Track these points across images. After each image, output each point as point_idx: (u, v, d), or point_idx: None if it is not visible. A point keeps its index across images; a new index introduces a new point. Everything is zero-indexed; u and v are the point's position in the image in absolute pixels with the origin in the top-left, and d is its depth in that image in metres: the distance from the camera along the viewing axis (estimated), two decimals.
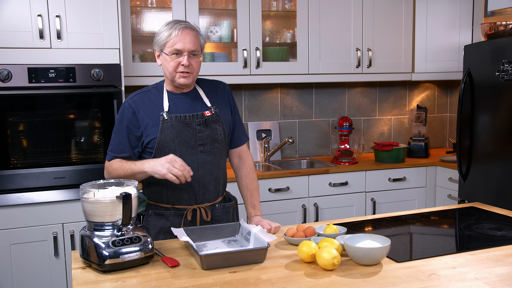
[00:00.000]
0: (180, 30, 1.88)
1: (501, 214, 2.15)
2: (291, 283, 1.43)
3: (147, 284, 1.45)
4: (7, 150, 2.75)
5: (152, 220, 1.99)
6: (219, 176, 2.03)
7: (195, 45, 1.90)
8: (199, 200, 1.98)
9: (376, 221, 2.08)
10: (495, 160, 2.98)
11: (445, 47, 3.80)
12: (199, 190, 1.97)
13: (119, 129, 1.96)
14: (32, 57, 2.74)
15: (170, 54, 1.89)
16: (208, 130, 1.97)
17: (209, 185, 1.99)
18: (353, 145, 3.76)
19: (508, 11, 3.31)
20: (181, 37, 1.87)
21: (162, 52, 1.92)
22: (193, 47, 1.89)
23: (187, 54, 1.89)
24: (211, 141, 1.98)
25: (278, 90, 3.89)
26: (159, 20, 3.34)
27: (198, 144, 1.95)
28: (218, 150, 2.01)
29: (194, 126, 1.94)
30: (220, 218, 2.04)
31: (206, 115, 1.97)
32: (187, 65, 1.89)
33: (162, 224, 1.97)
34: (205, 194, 1.99)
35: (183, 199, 1.97)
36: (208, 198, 2.00)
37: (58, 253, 2.82)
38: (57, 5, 2.76)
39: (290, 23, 3.70)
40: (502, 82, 2.90)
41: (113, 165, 1.95)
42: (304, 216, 3.35)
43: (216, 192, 2.03)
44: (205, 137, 1.96)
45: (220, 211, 2.04)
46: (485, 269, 1.53)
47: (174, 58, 1.89)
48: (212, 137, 1.98)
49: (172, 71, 1.91)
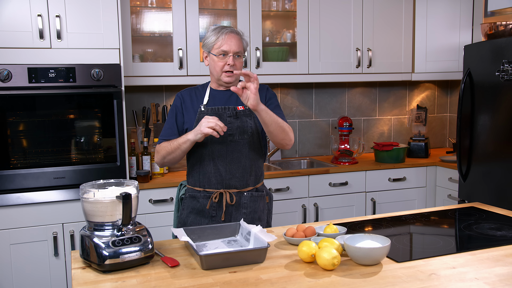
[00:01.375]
0: (227, 34, 2.12)
1: (501, 214, 2.15)
2: (291, 283, 1.43)
3: (147, 284, 1.45)
4: (7, 150, 2.75)
5: (187, 201, 2.23)
6: (248, 166, 2.18)
7: (239, 47, 2.13)
8: (226, 185, 2.16)
9: (376, 221, 2.08)
10: (495, 160, 2.98)
11: (445, 47, 3.80)
12: (226, 176, 2.15)
13: (170, 116, 2.23)
14: (32, 57, 2.74)
15: (217, 55, 2.11)
16: (238, 122, 2.15)
17: (236, 172, 2.16)
18: (353, 145, 3.76)
19: (508, 11, 3.31)
20: (227, 40, 2.11)
21: (210, 53, 2.15)
22: (238, 48, 2.12)
23: (232, 55, 2.11)
24: (240, 132, 2.15)
25: (278, 90, 3.89)
26: (159, 20, 3.34)
27: (228, 134, 2.12)
28: (248, 142, 2.17)
29: (225, 118, 2.14)
30: (247, 206, 2.19)
31: (238, 109, 2.17)
32: (233, 64, 2.11)
33: (194, 205, 2.20)
34: (231, 180, 2.16)
35: (212, 183, 2.16)
36: (235, 185, 2.17)
37: (58, 253, 2.82)
38: (57, 5, 2.76)
39: (290, 23, 3.70)
40: (502, 82, 2.90)
41: (162, 145, 2.17)
42: (304, 216, 3.35)
43: (244, 180, 2.18)
44: (234, 128, 2.14)
45: (248, 199, 2.19)
46: (485, 269, 1.53)
47: (221, 59, 2.12)
48: (242, 129, 2.15)
49: (219, 70, 2.14)
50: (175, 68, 3.25)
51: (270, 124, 2.03)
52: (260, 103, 1.97)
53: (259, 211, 2.23)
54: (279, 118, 2.07)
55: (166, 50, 3.39)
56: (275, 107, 2.20)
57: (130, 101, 3.45)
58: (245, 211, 2.18)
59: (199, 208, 2.18)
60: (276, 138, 2.11)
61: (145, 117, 3.41)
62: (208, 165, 2.15)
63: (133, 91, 3.46)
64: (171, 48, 3.30)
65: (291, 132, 2.15)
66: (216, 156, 2.14)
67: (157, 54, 3.40)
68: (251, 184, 2.21)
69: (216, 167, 2.15)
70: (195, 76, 3.29)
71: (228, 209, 2.16)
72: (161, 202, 3.03)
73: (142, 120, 3.45)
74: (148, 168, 3.19)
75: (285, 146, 2.16)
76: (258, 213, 2.22)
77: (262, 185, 2.29)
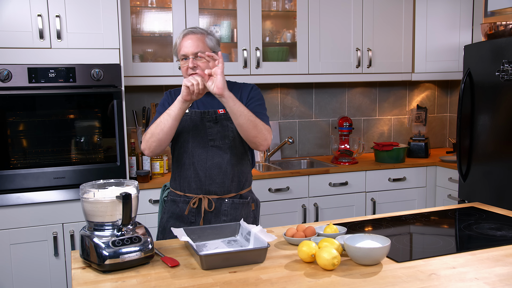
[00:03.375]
0: (184, 37, 2.06)
1: (501, 214, 2.15)
2: (291, 283, 1.43)
3: (147, 284, 1.45)
4: (7, 150, 2.75)
5: (168, 205, 2.18)
6: (229, 171, 2.10)
7: (198, 47, 2.03)
8: (205, 191, 2.09)
9: (376, 221, 2.08)
10: (495, 160, 2.98)
11: (445, 47, 3.80)
12: (206, 181, 2.09)
13: (158, 111, 2.12)
14: (32, 57, 2.74)
15: (180, 59, 2.07)
16: (218, 126, 2.08)
17: (216, 178, 2.09)
18: (353, 145, 3.76)
19: (508, 11, 3.31)
20: (183, 42, 2.05)
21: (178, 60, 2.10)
22: (196, 49, 2.02)
23: (192, 57, 2.02)
24: (221, 137, 2.09)
25: (278, 90, 3.89)
26: (159, 20, 3.35)
27: (209, 139, 2.08)
28: (230, 147, 2.09)
29: (205, 122, 2.09)
30: (227, 213, 2.11)
31: (219, 112, 2.09)
32: (192, 66, 2.02)
33: (173, 209, 2.14)
34: (211, 185, 2.09)
35: (192, 188, 2.10)
36: (215, 191, 2.10)
37: (58, 253, 2.82)
38: (57, 5, 2.76)
39: (290, 23, 3.70)
40: (502, 82, 2.90)
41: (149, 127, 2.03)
42: (304, 216, 3.35)
43: (225, 186, 2.10)
44: (214, 133, 2.08)
45: (228, 206, 2.11)
46: (485, 269, 1.53)
47: (184, 64, 2.05)
48: (222, 133, 2.08)
49: (185, 74, 2.06)
50: (175, 68, 3.25)
51: (239, 116, 1.90)
52: (226, 89, 1.87)
53: (244, 219, 2.13)
54: (251, 113, 1.94)
55: (166, 50, 3.39)
56: (257, 106, 2.10)
57: (130, 101, 3.45)
58: (225, 219, 2.09)
59: (179, 213, 2.12)
60: (247, 134, 1.96)
61: (145, 117, 3.41)
62: (188, 170, 2.09)
63: (133, 91, 3.46)
64: (171, 48, 3.30)
65: (267, 132, 2.00)
66: (196, 161, 2.07)
67: (157, 54, 3.41)
68: (233, 191, 2.12)
69: (196, 172, 2.08)
70: None
71: (206, 216, 2.09)
72: None
73: (142, 120, 3.45)
74: (148, 168, 3.19)
75: (259, 145, 2.00)
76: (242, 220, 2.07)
77: (248, 191, 2.19)
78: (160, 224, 2.20)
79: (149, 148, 2.01)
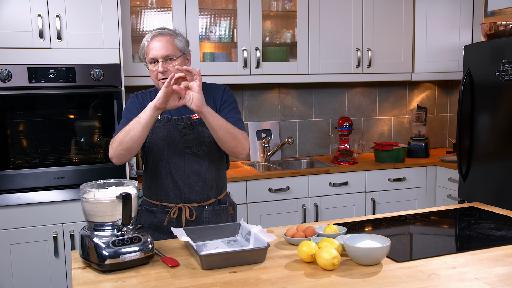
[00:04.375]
0: (151, 39, 1.93)
1: (501, 214, 2.15)
2: (291, 283, 1.43)
3: (147, 284, 1.45)
4: (7, 150, 2.75)
5: (144, 216, 2.08)
6: (208, 178, 2.03)
7: (167, 49, 1.91)
8: (185, 200, 2.02)
9: (376, 221, 2.08)
10: (495, 160, 2.98)
11: (445, 47, 3.80)
12: (185, 190, 2.01)
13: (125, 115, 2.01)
14: (32, 57, 2.74)
15: (149, 64, 1.94)
16: (194, 133, 1.99)
17: (196, 185, 2.01)
18: (353, 145, 3.76)
19: (508, 11, 3.31)
20: (151, 45, 1.92)
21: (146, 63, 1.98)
22: (166, 52, 1.91)
23: (161, 60, 1.91)
24: (197, 143, 2.00)
25: (278, 90, 3.89)
26: (159, 20, 3.34)
27: (185, 146, 1.99)
28: (207, 153, 2.02)
29: (179, 129, 1.99)
30: (209, 220, 2.05)
31: (193, 118, 2.00)
32: (162, 71, 1.91)
33: (151, 220, 2.05)
34: (191, 194, 2.02)
35: (170, 197, 2.02)
36: (195, 199, 2.03)
37: (58, 253, 2.82)
38: (57, 5, 2.76)
39: (290, 23, 3.70)
40: (502, 82, 2.90)
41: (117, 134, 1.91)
42: (304, 216, 3.35)
43: (205, 193, 2.04)
44: (190, 140, 1.99)
45: (209, 213, 2.05)
46: (485, 269, 1.53)
47: (153, 68, 1.93)
48: (198, 140, 2.00)
49: (154, 79, 1.96)
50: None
51: (218, 130, 1.84)
52: (205, 105, 1.79)
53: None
54: (229, 124, 1.88)
55: None
56: (231, 110, 2.02)
57: None
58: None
59: (157, 224, 2.03)
60: (226, 146, 1.92)
61: None
62: (166, 179, 2.00)
63: (133, 91, 3.45)
64: None
65: (245, 140, 1.94)
66: (174, 170, 1.99)
67: None
68: (213, 197, 2.06)
69: (174, 181, 1.99)
70: None
71: (187, 225, 2.00)
72: None
73: None
74: None
75: (238, 155, 1.95)
76: None
77: (225, 195, 2.14)
78: None
79: (117, 156, 1.89)
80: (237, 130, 1.91)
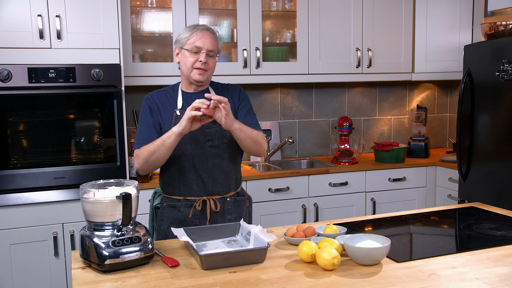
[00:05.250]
0: (202, 31, 2.05)
1: (501, 214, 2.15)
2: (291, 283, 1.43)
3: (147, 284, 1.45)
4: (7, 150, 2.75)
5: (166, 212, 2.12)
6: (229, 170, 2.13)
7: (213, 45, 2.06)
8: (208, 192, 2.10)
9: (376, 221, 2.08)
10: (495, 160, 2.98)
11: (445, 47, 3.80)
12: (209, 182, 2.09)
13: (144, 118, 2.10)
14: (32, 57, 2.74)
15: (190, 50, 2.03)
16: (216, 126, 2.07)
17: (218, 177, 2.10)
18: (353, 145, 3.76)
19: (508, 11, 3.31)
20: (201, 36, 2.04)
21: (182, 49, 2.06)
22: (212, 47, 2.05)
23: (206, 52, 2.03)
24: (219, 136, 2.08)
25: (278, 90, 3.89)
26: (159, 20, 3.34)
27: (207, 140, 2.07)
28: (228, 146, 2.10)
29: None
30: (231, 211, 2.13)
31: None
32: (205, 61, 2.03)
33: (174, 215, 2.10)
34: (214, 186, 2.10)
35: (194, 191, 2.09)
36: (218, 191, 2.11)
37: (58, 253, 2.82)
38: (57, 5, 2.76)
39: (290, 23, 3.70)
40: (502, 82, 2.90)
41: (142, 149, 2.02)
42: (304, 216, 3.35)
43: (227, 185, 2.12)
44: (213, 133, 2.07)
45: (231, 205, 2.14)
46: (485, 269, 1.53)
47: (193, 55, 2.04)
48: (220, 133, 2.08)
49: (189, 66, 2.04)
50: (175, 68, 3.25)
51: (244, 140, 2.00)
52: (234, 123, 1.91)
53: (243, 216, 2.18)
54: (253, 131, 2.01)
55: (166, 50, 3.39)
56: (249, 111, 2.14)
57: (130, 101, 3.45)
58: (230, 217, 2.12)
59: (181, 218, 2.09)
60: (249, 151, 2.08)
61: None
62: (189, 173, 2.07)
63: (133, 91, 3.46)
64: (171, 48, 3.30)
65: (264, 141, 2.10)
66: (197, 163, 2.06)
67: (157, 54, 3.41)
68: (233, 189, 2.15)
69: (198, 174, 2.07)
70: None
71: (212, 217, 2.09)
72: None
73: None
74: None
75: (258, 155, 2.14)
76: (242, 218, 2.14)
77: (241, 188, 2.24)
78: (159, 232, 2.14)
79: (144, 171, 2.04)
80: (259, 135, 2.06)
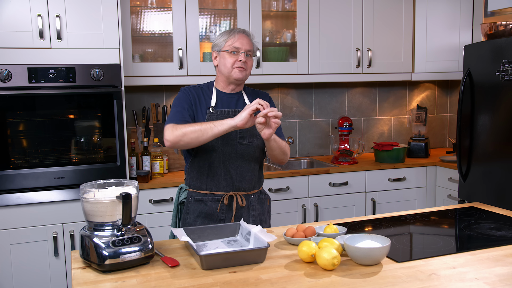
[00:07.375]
0: (239, 33, 2.18)
1: (501, 214, 2.15)
2: (291, 283, 1.43)
3: (147, 284, 1.45)
4: (7, 150, 2.75)
5: (192, 205, 2.19)
6: (256, 169, 2.22)
7: (250, 46, 2.19)
8: (235, 188, 2.17)
9: (376, 221, 2.08)
10: (495, 160, 2.98)
11: (445, 47, 3.80)
12: (237, 178, 2.16)
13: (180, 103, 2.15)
14: (32, 57, 2.74)
15: (230, 51, 2.14)
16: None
17: (246, 174, 2.18)
18: (353, 145, 3.76)
19: (508, 11, 3.31)
20: (239, 38, 2.17)
21: (220, 51, 2.17)
22: (249, 47, 2.18)
23: (244, 52, 2.15)
24: (250, 135, 2.16)
25: (278, 90, 3.89)
26: (159, 20, 3.34)
27: (238, 137, 2.15)
28: (257, 145, 2.19)
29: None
30: (255, 208, 2.21)
31: None
32: (244, 61, 2.14)
33: (201, 208, 2.17)
34: (241, 182, 2.17)
35: (221, 186, 2.16)
36: (244, 187, 2.18)
37: (58, 253, 2.82)
38: (57, 5, 2.76)
39: (290, 23, 3.70)
40: (502, 82, 2.90)
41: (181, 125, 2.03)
42: (304, 216, 3.35)
43: (252, 183, 2.21)
44: (245, 131, 2.14)
45: (256, 201, 2.22)
46: (485, 269, 1.53)
47: (232, 56, 2.15)
48: (252, 132, 2.16)
49: (229, 66, 2.15)
50: (175, 68, 3.25)
51: (275, 149, 2.12)
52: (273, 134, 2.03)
53: (265, 213, 2.27)
54: (282, 142, 2.15)
55: (166, 50, 3.39)
56: None
57: (130, 101, 3.45)
58: (254, 213, 2.20)
59: (208, 212, 2.16)
60: (276, 159, 2.20)
61: (145, 117, 3.41)
62: (219, 168, 2.14)
63: (133, 91, 3.46)
64: (171, 48, 3.30)
65: (289, 151, 2.23)
66: (227, 159, 2.14)
67: (157, 54, 3.40)
68: (257, 187, 2.25)
69: (227, 170, 2.15)
70: (195, 76, 3.29)
71: (238, 212, 2.17)
72: (161, 202, 3.03)
73: (142, 120, 3.45)
74: (148, 168, 3.19)
75: (282, 163, 2.25)
76: (265, 215, 2.26)
77: (262, 187, 2.32)
78: (184, 225, 2.20)
79: (173, 143, 2.02)
80: (287, 146, 2.19)
